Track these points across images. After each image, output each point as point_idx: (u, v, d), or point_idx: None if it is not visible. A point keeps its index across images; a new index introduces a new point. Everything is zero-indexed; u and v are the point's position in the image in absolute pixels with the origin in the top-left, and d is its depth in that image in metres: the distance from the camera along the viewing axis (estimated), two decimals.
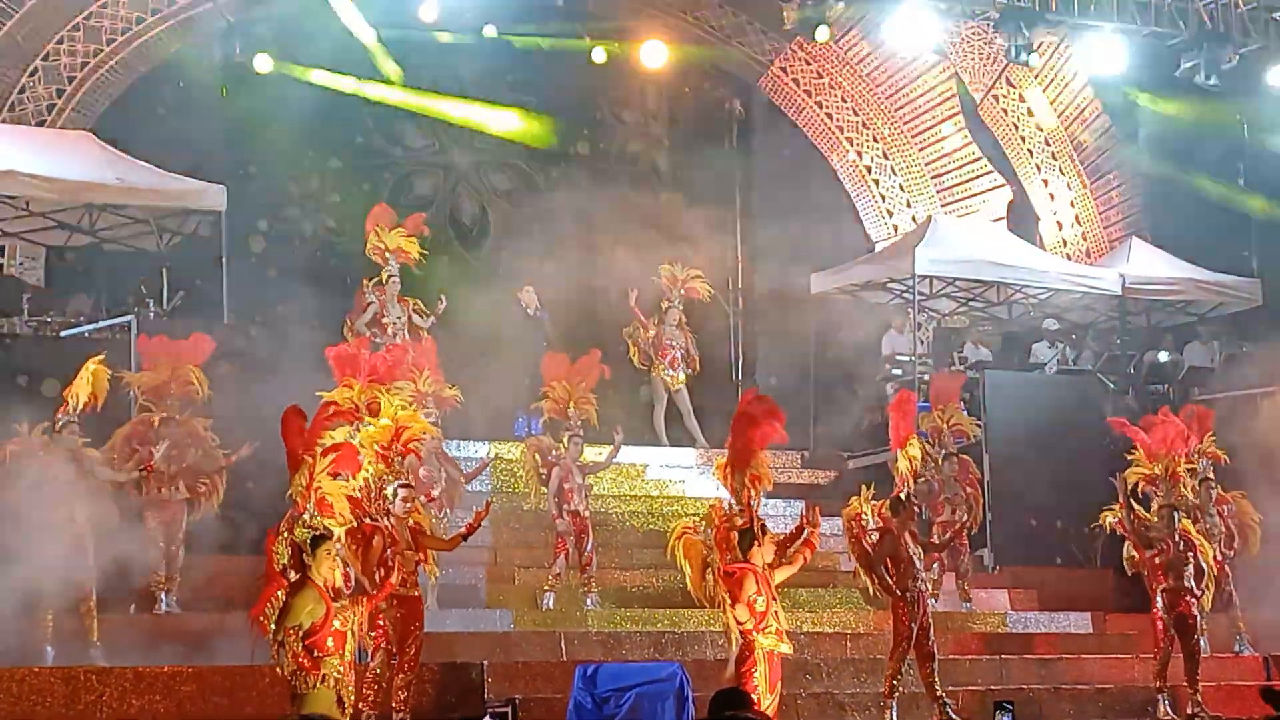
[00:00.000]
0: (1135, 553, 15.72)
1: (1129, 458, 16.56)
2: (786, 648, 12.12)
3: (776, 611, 12.05)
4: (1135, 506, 15.80)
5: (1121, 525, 15.62)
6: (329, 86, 21.21)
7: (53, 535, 13.83)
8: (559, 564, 16.16)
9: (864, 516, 14.37)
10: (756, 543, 12.06)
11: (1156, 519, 15.59)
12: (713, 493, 18.55)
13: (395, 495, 12.64)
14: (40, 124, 18.91)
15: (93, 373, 14.33)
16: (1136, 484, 16.24)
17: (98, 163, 17.52)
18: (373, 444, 12.85)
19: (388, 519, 12.61)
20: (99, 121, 19.21)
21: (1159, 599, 15.35)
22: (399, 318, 18.87)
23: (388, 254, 18.90)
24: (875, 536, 14.31)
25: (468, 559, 16.59)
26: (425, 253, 19.38)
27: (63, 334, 16.95)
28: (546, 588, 16.19)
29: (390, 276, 18.88)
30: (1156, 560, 15.35)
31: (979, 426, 18.46)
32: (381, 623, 12.53)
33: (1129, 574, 16.39)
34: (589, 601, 16.17)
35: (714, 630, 15.68)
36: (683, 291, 20.17)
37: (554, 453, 16.34)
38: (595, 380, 17.07)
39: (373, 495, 12.63)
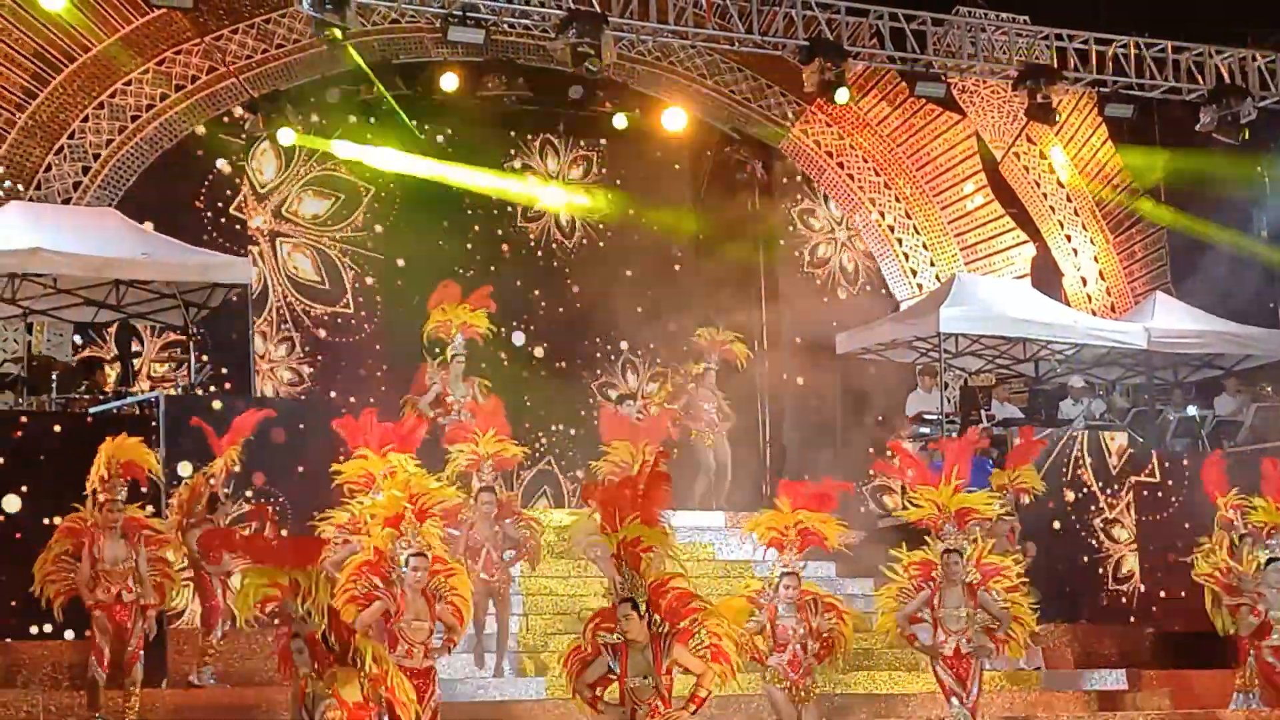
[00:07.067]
0: (1229, 612, 15.61)
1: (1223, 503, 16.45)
2: None
3: (650, 686, 11.14)
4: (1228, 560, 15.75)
5: (1217, 579, 15.49)
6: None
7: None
8: None
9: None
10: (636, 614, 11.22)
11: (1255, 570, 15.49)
12: (743, 555, 18.68)
13: (407, 563, 12.49)
14: (66, 201, 19.01)
15: (106, 451, 14.02)
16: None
17: (123, 238, 17.56)
18: (384, 513, 12.80)
19: (401, 586, 12.46)
20: (124, 197, 19.35)
21: (1268, 656, 15.23)
22: (463, 396, 18.33)
23: (455, 330, 18.46)
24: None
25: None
26: (494, 327, 19.11)
27: (91, 411, 16.97)
28: None
29: (455, 356, 18.37)
30: (1253, 618, 15.24)
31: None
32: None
33: (1223, 635, 16.33)
34: None
35: (749, 694, 15.61)
36: (719, 354, 20.13)
37: None
38: (661, 439, 16.88)
39: (389, 562, 12.54)
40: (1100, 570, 19.43)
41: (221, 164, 20.43)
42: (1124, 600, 19.43)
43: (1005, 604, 14.12)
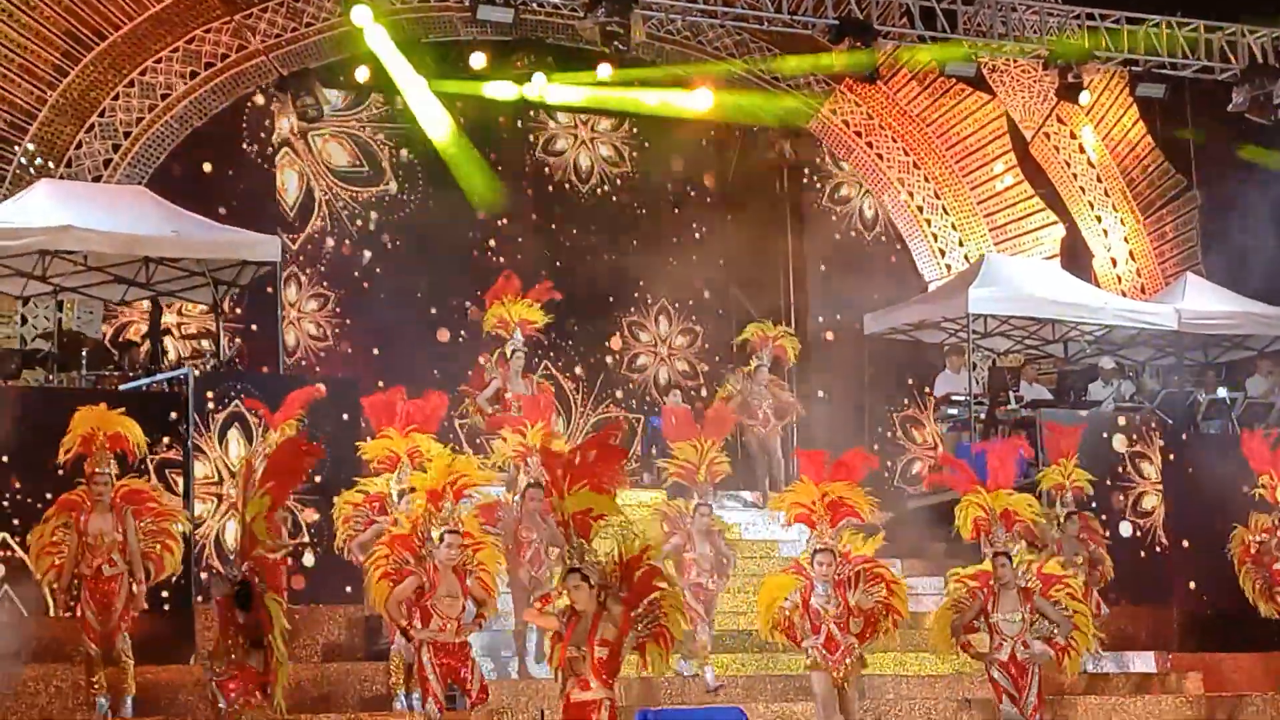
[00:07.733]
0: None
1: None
2: (584, 695, 11.09)
3: (583, 658, 11.01)
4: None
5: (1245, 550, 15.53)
6: None
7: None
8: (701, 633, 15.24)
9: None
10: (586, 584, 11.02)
11: None
12: (772, 535, 18.68)
13: (441, 539, 12.47)
14: (96, 179, 19.08)
15: (86, 422, 13.71)
16: None
17: (153, 216, 17.60)
18: (424, 488, 12.80)
19: (432, 561, 12.46)
20: (153, 175, 19.40)
21: None
22: (523, 391, 17.84)
23: (513, 327, 18.09)
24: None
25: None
26: (550, 319, 18.83)
27: (121, 388, 17.01)
28: (706, 661, 15.35)
29: (515, 351, 17.99)
30: None
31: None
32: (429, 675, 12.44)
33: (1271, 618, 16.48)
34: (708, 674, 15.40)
35: (774, 674, 15.62)
36: (770, 351, 20.04)
37: (684, 520, 15.59)
38: (728, 432, 16.66)
39: (421, 538, 12.56)
40: (1121, 498, 19.21)
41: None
42: (1139, 534, 19.14)
43: (1067, 611, 13.87)
